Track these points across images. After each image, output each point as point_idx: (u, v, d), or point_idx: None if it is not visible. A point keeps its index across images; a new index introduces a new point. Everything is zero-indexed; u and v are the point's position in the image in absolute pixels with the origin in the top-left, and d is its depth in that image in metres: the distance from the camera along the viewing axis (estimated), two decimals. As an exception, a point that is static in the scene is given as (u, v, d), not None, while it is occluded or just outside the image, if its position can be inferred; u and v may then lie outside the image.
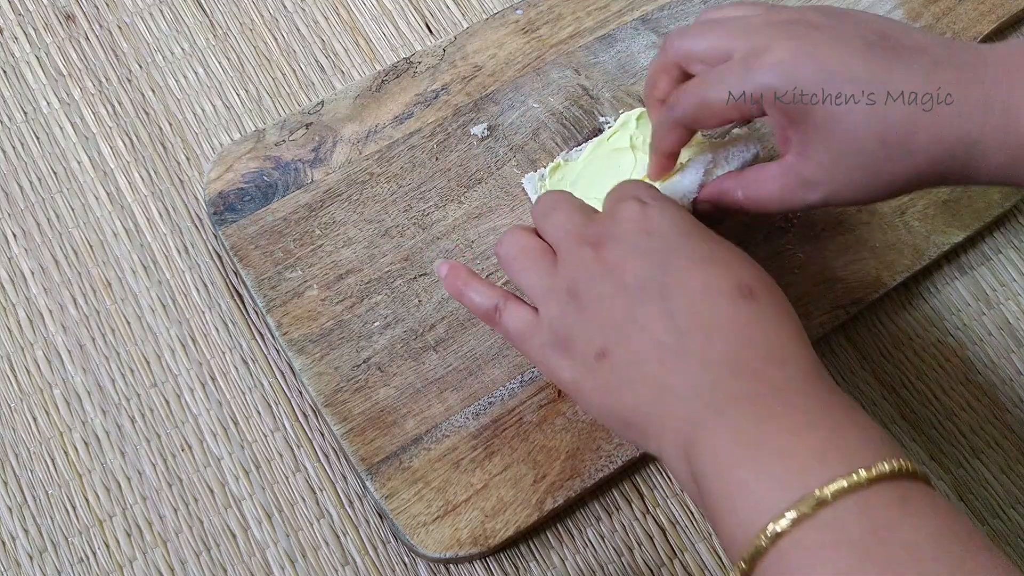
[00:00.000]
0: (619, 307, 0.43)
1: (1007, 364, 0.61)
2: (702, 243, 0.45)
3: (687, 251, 0.44)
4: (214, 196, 0.60)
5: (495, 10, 0.70)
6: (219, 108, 0.66)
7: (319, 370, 0.56)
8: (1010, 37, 0.71)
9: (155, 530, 0.55)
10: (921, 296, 0.63)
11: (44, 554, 0.54)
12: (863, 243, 0.61)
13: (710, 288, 0.42)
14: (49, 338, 0.59)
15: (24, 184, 0.63)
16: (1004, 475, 0.58)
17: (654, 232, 0.45)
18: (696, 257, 0.44)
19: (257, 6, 0.70)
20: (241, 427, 0.57)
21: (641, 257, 0.44)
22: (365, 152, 0.62)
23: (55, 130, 0.65)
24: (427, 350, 0.57)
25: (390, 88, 0.64)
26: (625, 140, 0.58)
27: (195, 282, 0.61)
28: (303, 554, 0.54)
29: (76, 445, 0.56)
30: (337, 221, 0.60)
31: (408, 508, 0.53)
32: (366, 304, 0.58)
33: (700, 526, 0.56)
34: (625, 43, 0.67)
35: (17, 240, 0.61)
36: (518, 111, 0.64)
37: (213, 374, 0.58)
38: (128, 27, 0.68)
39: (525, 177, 0.61)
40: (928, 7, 0.69)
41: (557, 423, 0.55)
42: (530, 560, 0.55)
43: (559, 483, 0.54)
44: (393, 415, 0.55)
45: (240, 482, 0.56)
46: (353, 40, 0.69)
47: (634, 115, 0.59)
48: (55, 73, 0.67)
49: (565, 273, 0.45)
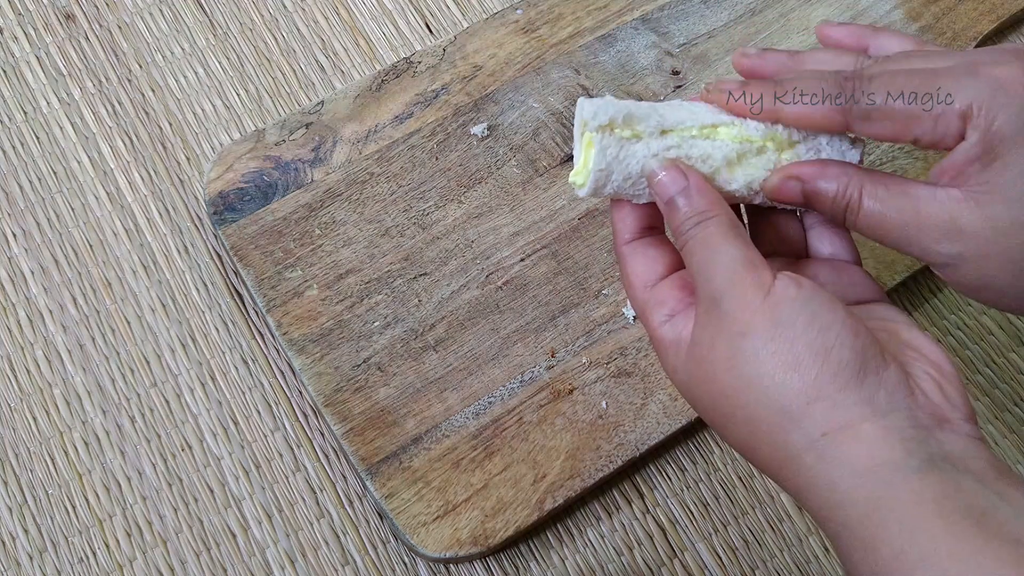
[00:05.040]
0: None
1: (1007, 364, 0.61)
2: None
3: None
4: (214, 196, 0.60)
5: (495, 10, 0.70)
6: (219, 108, 0.66)
7: (319, 370, 0.56)
8: (1010, 37, 0.71)
9: (155, 530, 0.55)
10: (921, 296, 0.63)
11: (44, 554, 0.54)
12: (863, 243, 0.61)
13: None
14: (49, 338, 0.59)
15: (24, 184, 0.63)
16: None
17: None
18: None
19: (257, 6, 0.70)
20: (241, 427, 0.57)
21: None
22: (365, 152, 0.62)
23: (55, 130, 0.65)
24: (427, 350, 0.57)
25: (390, 88, 0.64)
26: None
27: (195, 282, 0.61)
28: (303, 554, 0.54)
29: (76, 445, 0.56)
30: (337, 221, 0.60)
31: (408, 508, 0.53)
32: (366, 304, 0.58)
33: (700, 526, 0.56)
34: (625, 43, 0.67)
35: (17, 240, 0.61)
36: (518, 111, 0.64)
37: (213, 374, 0.58)
38: (128, 27, 0.68)
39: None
40: (928, 7, 0.69)
41: (557, 423, 0.55)
42: (530, 560, 0.55)
43: (559, 483, 0.54)
44: (393, 415, 0.55)
45: (240, 482, 0.56)
46: (353, 40, 0.69)
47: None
48: (55, 73, 0.67)
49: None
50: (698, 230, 0.40)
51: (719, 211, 0.40)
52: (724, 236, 0.40)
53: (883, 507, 0.35)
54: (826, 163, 0.42)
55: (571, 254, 0.60)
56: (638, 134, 0.42)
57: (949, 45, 0.68)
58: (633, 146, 0.41)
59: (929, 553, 0.34)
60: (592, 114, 0.41)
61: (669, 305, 0.42)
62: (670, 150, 0.42)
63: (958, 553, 0.34)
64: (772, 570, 0.55)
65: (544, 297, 0.59)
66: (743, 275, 0.39)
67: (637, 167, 0.42)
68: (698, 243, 0.40)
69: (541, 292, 0.59)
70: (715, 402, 0.40)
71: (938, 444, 0.36)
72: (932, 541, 0.34)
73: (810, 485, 0.37)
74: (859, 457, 0.36)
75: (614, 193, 0.43)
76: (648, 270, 0.43)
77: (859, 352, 0.37)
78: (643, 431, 0.55)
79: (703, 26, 0.68)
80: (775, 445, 0.38)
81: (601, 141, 0.41)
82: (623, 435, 0.55)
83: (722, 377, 0.39)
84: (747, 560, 0.55)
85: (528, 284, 0.59)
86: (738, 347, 0.38)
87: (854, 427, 0.36)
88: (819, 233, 0.45)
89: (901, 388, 0.37)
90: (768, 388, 0.38)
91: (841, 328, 0.37)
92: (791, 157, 0.43)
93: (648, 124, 0.41)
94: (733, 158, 0.42)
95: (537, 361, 0.57)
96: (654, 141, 0.42)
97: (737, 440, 0.40)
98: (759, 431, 0.38)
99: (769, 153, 0.43)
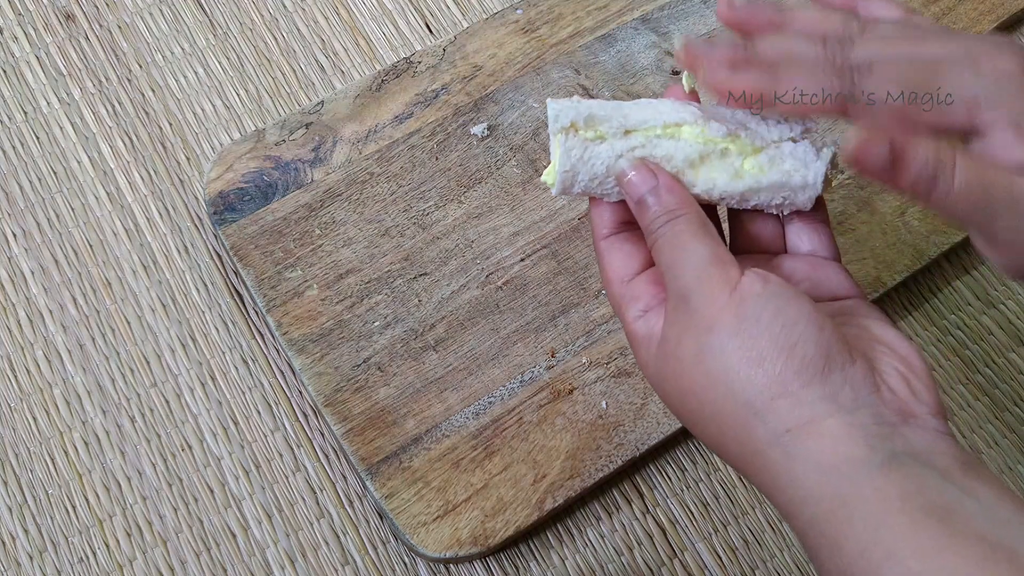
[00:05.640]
0: None
1: (1007, 363, 0.61)
2: None
3: None
4: (214, 196, 0.60)
5: (495, 10, 0.70)
6: (219, 108, 0.66)
7: (319, 370, 0.56)
8: (1010, 36, 0.71)
9: (155, 530, 0.55)
10: (921, 296, 0.63)
11: (44, 554, 0.54)
12: (863, 243, 0.61)
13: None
14: (49, 338, 0.59)
15: (24, 184, 0.63)
16: (1004, 474, 0.58)
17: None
18: None
19: (257, 6, 0.70)
20: (241, 427, 0.57)
21: None
22: (365, 152, 0.62)
23: (55, 130, 0.65)
24: (427, 350, 0.57)
25: (390, 88, 0.64)
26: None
27: (195, 282, 0.61)
28: (303, 554, 0.54)
29: (76, 445, 0.56)
30: (337, 221, 0.60)
31: (408, 508, 0.53)
32: (366, 304, 0.58)
33: (700, 526, 0.56)
34: (625, 43, 0.67)
35: (17, 240, 0.61)
36: (518, 111, 0.64)
37: (213, 374, 0.58)
38: (128, 27, 0.68)
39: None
40: (928, 7, 0.69)
41: (557, 423, 0.55)
42: (530, 560, 0.55)
43: (559, 483, 0.54)
44: (393, 415, 0.55)
45: (240, 482, 0.56)
46: (353, 40, 0.69)
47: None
48: (55, 73, 0.67)
49: None
50: (667, 228, 0.40)
51: (688, 209, 0.41)
52: (693, 234, 0.40)
53: (848, 504, 0.35)
54: (947, 123, 0.40)
55: (571, 254, 0.60)
56: (602, 135, 0.42)
57: (949, 45, 0.68)
58: (597, 147, 0.42)
59: (894, 551, 0.34)
60: (554, 116, 0.42)
61: (643, 300, 0.42)
62: (634, 150, 0.42)
63: (923, 551, 0.34)
64: (772, 570, 0.55)
65: (544, 297, 0.59)
66: (711, 272, 0.39)
67: (602, 168, 0.42)
68: (667, 241, 0.40)
69: (541, 292, 0.59)
70: (684, 398, 0.40)
71: (903, 440, 0.36)
72: (897, 539, 0.34)
73: (776, 481, 0.37)
74: (823, 453, 0.36)
75: (583, 192, 0.43)
76: (624, 265, 0.43)
77: (823, 348, 0.37)
78: (643, 431, 0.55)
79: (703, 26, 0.68)
80: (742, 441, 0.38)
81: (565, 143, 0.42)
82: (623, 435, 0.55)
83: (690, 373, 0.39)
84: (747, 560, 0.55)
85: (528, 284, 0.59)
86: (705, 343, 0.38)
87: (818, 423, 0.36)
88: (798, 229, 0.44)
89: (866, 384, 0.37)
90: (733, 383, 0.38)
91: (806, 324, 0.37)
92: (753, 165, 0.43)
93: (611, 125, 0.42)
94: (695, 159, 0.42)
95: (537, 361, 0.57)
96: (618, 142, 0.42)
97: (706, 436, 0.40)
98: (726, 427, 0.38)
99: (732, 157, 0.43)
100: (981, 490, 0.35)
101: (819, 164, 0.42)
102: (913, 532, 0.34)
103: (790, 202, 0.43)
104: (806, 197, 0.43)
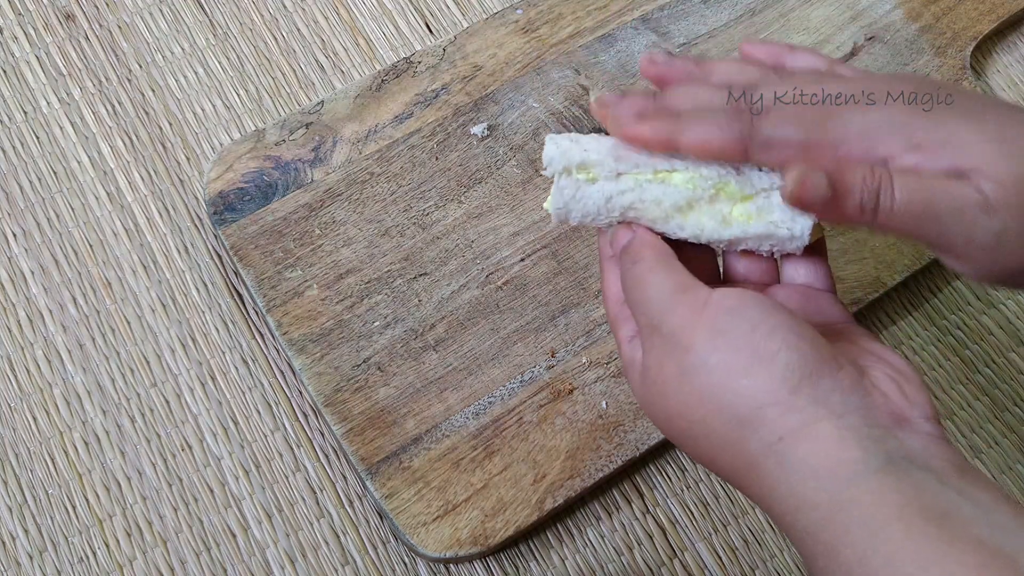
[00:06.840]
0: None
1: (1007, 363, 0.61)
2: None
3: None
4: (214, 196, 0.60)
5: (495, 10, 0.70)
6: (219, 108, 0.66)
7: (319, 370, 0.56)
8: (1010, 37, 0.71)
9: (155, 530, 0.55)
10: (921, 296, 0.63)
11: (44, 554, 0.54)
12: (863, 243, 0.61)
13: None
14: (49, 338, 0.59)
15: (24, 184, 0.63)
16: (1003, 474, 0.58)
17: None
18: None
19: (257, 6, 0.70)
20: (241, 427, 0.57)
21: None
22: (365, 152, 0.62)
23: (55, 130, 0.65)
24: (427, 350, 0.57)
25: (390, 88, 0.64)
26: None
27: (195, 282, 0.61)
28: (303, 554, 0.54)
29: (76, 445, 0.56)
30: (337, 221, 0.60)
31: (408, 508, 0.53)
32: (366, 304, 0.58)
33: (700, 526, 0.56)
34: (625, 43, 0.67)
35: (17, 240, 0.61)
36: (518, 111, 0.64)
37: (213, 374, 0.58)
38: (128, 27, 0.68)
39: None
40: (928, 7, 0.69)
41: (557, 423, 0.55)
42: (530, 560, 0.55)
43: (559, 483, 0.54)
44: (393, 415, 0.55)
45: (240, 482, 0.56)
46: (353, 40, 0.69)
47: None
48: (55, 73, 0.67)
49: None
50: (628, 271, 0.41)
51: (647, 252, 0.41)
52: (651, 269, 0.41)
53: (844, 510, 0.35)
54: (848, 157, 0.41)
55: (571, 254, 0.60)
56: (594, 177, 0.43)
57: (949, 45, 0.68)
58: (589, 188, 0.43)
59: (892, 559, 0.34)
60: (549, 160, 0.43)
61: (633, 324, 0.42)
62: (624, 194, 0.43)
63: (921, 557, 0.33)
64: (772, 570, 0.55)
65: (544, 297, 0.59)
66: (677, 298, 0.39)
67: (594, 207, 0.43)
68: (629, 282, 0.41)
69: (541, 292, 0.59)
70: (671, 421, 0.40)
71: (897, 443, 0.36)
72: (895, 546, 0.34)
73: (772, 491, 0.37)
74: (817, 458, 0.36)
75: (580, 224, 0.45)
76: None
77: (807, 354, 0.37)
78: (643, 431, 0.55)
79: (703, 26, 0.68)
80: (734, 455, 0.38)
81: (558, 182, 0.43)
82: (623, 435, 0.55)
83: (674, 396, 0.39)
84: (747, 560, 0.55)
85: (528, 284, 0.59)
86: (686, 364, 0.38)
87: (810, 428, 0.36)
88: (794, 262, 0.44)
89: (857, 389, 0.37)
90: (720, 398, 0.38)
91: (786, 332, 0.37)
92: (742, 212, 0.43)
93: (603, 168, 0.43)
94: (683, 204, 0.43)
95: (537, 361, 0.57)
96: (609, 184, 0.43)
97: (699, 455, 0.40)
98: (717, 444, 0.38)
99: (721, 203, 0.43)
100: (978, 494, 0.35)
101: (805, 219, 0.42)
102: (911, 539, 0.34)
103: (779, 248, 0.43)
104: (794, 246, 0.43)
